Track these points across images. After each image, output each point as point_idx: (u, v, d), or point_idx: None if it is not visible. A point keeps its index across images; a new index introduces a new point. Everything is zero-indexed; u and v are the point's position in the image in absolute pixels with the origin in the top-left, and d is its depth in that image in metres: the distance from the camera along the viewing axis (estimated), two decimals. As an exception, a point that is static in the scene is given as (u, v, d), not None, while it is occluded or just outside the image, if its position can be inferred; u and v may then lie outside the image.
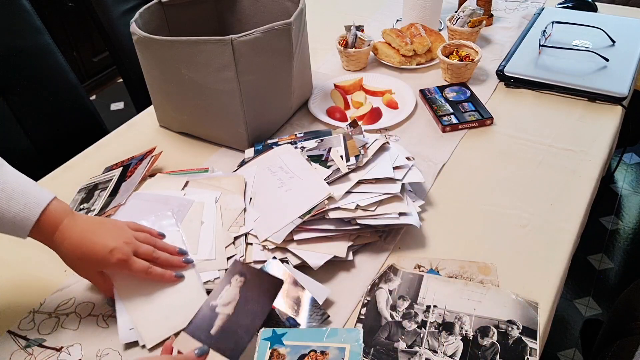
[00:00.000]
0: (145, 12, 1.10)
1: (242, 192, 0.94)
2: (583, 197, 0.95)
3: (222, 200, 0.92)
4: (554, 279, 0.82)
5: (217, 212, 0.90)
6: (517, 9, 1.57)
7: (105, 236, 0.74)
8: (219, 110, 1.06)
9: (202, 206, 0.91)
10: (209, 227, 0.87)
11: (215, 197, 0.92)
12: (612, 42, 1.30)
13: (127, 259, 0.74)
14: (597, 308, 1.73)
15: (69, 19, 2.72)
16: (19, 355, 0.76)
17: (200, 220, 0.88)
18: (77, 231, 0.73)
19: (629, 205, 2.08)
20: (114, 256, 0.73)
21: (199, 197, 0.92)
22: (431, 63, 1.34)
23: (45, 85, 1.26)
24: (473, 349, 0.72)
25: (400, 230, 0.90)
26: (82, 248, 0.73)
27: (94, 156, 1.14)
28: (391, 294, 0.80)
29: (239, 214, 0.90)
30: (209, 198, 0.92)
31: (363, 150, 0.93)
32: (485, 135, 1.11)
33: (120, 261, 0.73)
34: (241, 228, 0.88)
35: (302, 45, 1.11)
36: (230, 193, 0.93)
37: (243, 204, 0.92)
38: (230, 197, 0.92)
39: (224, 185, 0.95)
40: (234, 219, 0.89)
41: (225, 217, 0.89)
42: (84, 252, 0.73)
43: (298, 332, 0.73)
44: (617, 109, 1.15)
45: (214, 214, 0.89)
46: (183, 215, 0.89)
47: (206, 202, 0.91)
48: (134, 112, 1.33)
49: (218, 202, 0.91)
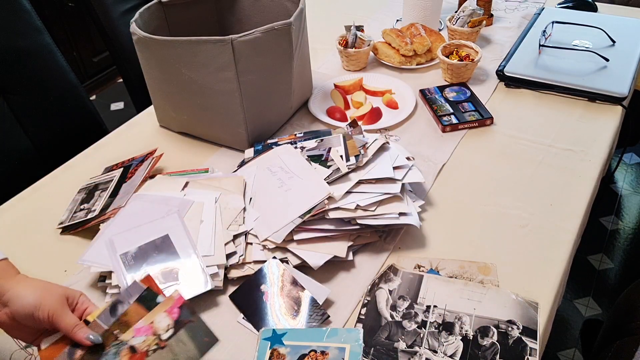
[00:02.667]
0: (145, 12, 1.10)
1: (242, 192, 0.94)
2: (583, 197, 0.95)
3: (221, 200, 0.92)
4: (554, 279, 0.82)
5: (217, 212, 0.90)
6: (517, 9, 1.57)
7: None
8: (219, 110, 1.06)
9: (202, 206, 0.91)
10: (208, 225, 0.88)
11: (215, 197, 0.92)
12: (612, 42, 1.30)
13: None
14: (597, 308, 1.73)
15: (69, 19, 2.72)
16: (19, 355, 0.77)
17: (199, 219, 0.88)
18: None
19: (629, 205, 2.08)
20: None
21: (198, 197, 0.92)
22: (431, 63, 1.34)
23: (45, 85, 1.26)
24: (473, 349, 0.72)
25: (400, 230, 0.90)
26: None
27: (94, 156, 1.14)
28: (391, 294, 0.80)
29: (239, 213, 0.90)
30: (209, 198, 0.92)
31: (363, 150, 0.93)
32: (485, 135, 1.11)
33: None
34: (240, 227, 0.88)
35: (302, 45, 1.11)
36: (230, 193, 0.93)
37: (243, 203, 0.92)
38: (230, 197, 0.92)
39: (224, 186, 0.95)
40: (233, 217, 0.89)
41: (225, 216, 0.89)
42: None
43: (298, 332, 0.73)
44: (617, 109, 1.15)
45: (214, 213, 0.89)
46: (183, 215, 0.89)
47: (206, 202, 0.91)
48: (134, 112, 1.33)
49: (218, 202, 0.91)
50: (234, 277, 0.83)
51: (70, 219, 0.96)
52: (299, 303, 0.78)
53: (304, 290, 0.79)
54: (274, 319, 0.77)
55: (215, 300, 0.81)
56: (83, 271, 0.87)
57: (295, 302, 0.78)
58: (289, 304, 0.78)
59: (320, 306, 0.77)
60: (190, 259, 0.82)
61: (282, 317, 0.77)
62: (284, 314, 0.77)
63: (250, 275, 0.82)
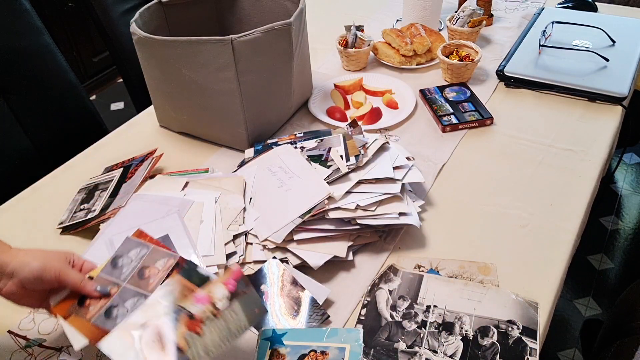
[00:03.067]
0: (145, 12, 1.10)
1: (242, 192, 0.94)
2: (583, 197, 0.95)
3: (221, 200, 0.92)
4: (554, 279, 0.82)
5: (217, 212, 0.90)
6: (517, 9, 1.57)
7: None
8: (219, 110, 1.06)
9: (202, 206, 0.91)
10: (208, 225, 0.88)
11: (215, 197, 0.92)
12: (612, 42, 1.30)
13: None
14: (597, 308, 1.73)
15: (69, 19, 2.72)
16: (19, 355, 0.77)
17: (199, 219, 0.88)
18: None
19: (629, 205, 2.08)
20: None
21: (198, 197, 0.92)
22: (431, 63, 1.34)
23: (45, 85, 1.26)
24: (473, 349, 0.72)
25: (400, 230, 0.90)
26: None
27: (94, 156, 1.14)
28: (391, 294, 0.80)
29: (239, 213, 0.90)
30: (209, 198, 0.92)
31: (363, 150, 0.93)
32: (485, 135, 1.11)
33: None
34: (240, 227, 0.88)
35: (302, 45, 1.11)
36: (230, 193, 0.93)
37: (243, 203, 0.92)
38: (230, 197, 0.92)
39: (224, 186, 0.95)
40: (233, 217, 0.89)
41: (225, 216, 0.89)
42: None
43: (298, 332, 0.73)
44: (617, 109, 1.15)
45: (214, 213, 0.89)
46: (183, 215, 0.89)
47: (206, 202, 0.91)
48: (134, 112, 1.33)
49: (218, 202, 0.91)
50: (234, 277, 0.83)
51: (70, 219, 0.96)
52: (299, 303, 0.78)
53: (304, 290, 0.79)
54: (274, 319, 0.77)
55: (215, 300, 0.81)
56: (83, 271, 0.87)
57: (295, 302, 0.78)
58: (289, 304, 0.78)
59: (320, 306, 0.77)
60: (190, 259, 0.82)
61: (282, 317, 0.77)
62: (284, 314, 0.77)
63: (250, 275, 0.82)
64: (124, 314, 0.68)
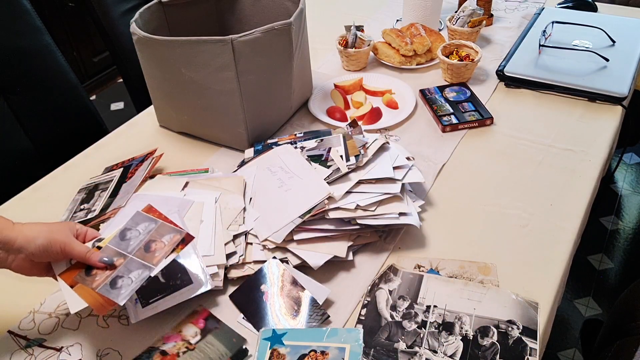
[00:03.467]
0: (145, 12, 1.10)
1: (242, 192, 0.94)
2: (583, 197, 0.95)
3: (221, 200, 0.92)
4: (554, 279, 0.82)
5: (217, 212, 0.90)
6: (517, 9, 1.57)
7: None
8: (219, 110, 1.06)
9: (202, 206, 0.91)
10: (208, 225, 0.88)
11: (215, 197, 0.92)
12: (612, 42, 1.30)
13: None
14: (597, 308, 1.73)
15: (69, 19, 2.72)
16: (19, 355, 0.77)
17: (199, 219, 0.88)
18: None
19: (629, 205, 2.08)
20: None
21: (198, 197, 0.92)
22: (431, 63, 1.34)
23: (45, 85, 1.26)
24: (473, 349, 0.72)
25: (400, 230, 0.90)
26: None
27: (94, 156, 1.14)
28: (391, 294, 0.80)
29: (239, 213, 0.90)
30: (209, 198, 0.92)
31: (363, 150, 0.93)
32: (485, 135, 1.11)
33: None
34: (240, 227, 0.88)
35: (302, 45, 1.11)
36: (230, 193, 0.93)
37: (243, 203, 0.92)
38: (230, 197, 0.92)
39: (224, 186, 0.95)
40: (233, 217, 0.89)
41: (225, 216, 0.89)
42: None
43: (298, 332, 0.73)
44: (617, 109, 1.15)
45: (214, 213, 0.89)
46: (183, 215, 0.89)
47: (206, 202, 0.91)
48: (134, 112, 1.33)
49: (218, 202, 0.91)
50: (234, 277, 0.83)
51: (70, 219, 0.96)
52: (299, 303, 0.78)
53: (304, 290, 0.79)
54: (274, 319, 0.77)
55: (215, 300, 0.81)
56: (83, 271, 0.87)
57: (295, 302, 0.78)
58: (289, 304, 0.78)
59: (320, 306, 0.77)
60: (190, 259, 0.82)
61: (282, 317, 0.77)
62: (284, 314, 0.77)
63: (250, 275, 0.82)
64: (129, 285, 0.71)
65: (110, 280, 0.72)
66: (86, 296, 0.71)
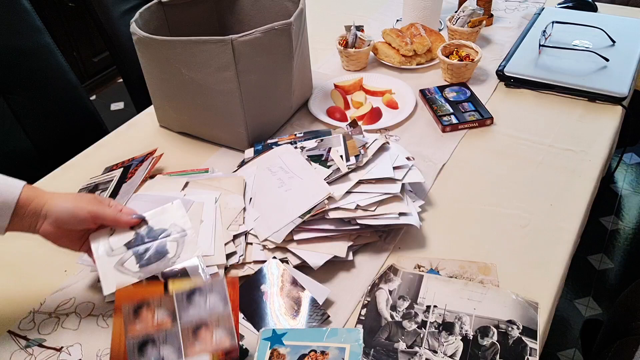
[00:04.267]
0: (145, 12, 1.10)
1: (242, 192, 0.94)
2: (583, 197, 0.95)
3: (221, 200, 0.92)
4: (554, 279, 0.82)
5: (217, 212, 0.90)
6: (517, 9, 1.57)
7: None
8: (219, 110, 1.06)
9: (202, 206, 0.91)
10: (208, 225, 0.88)
11: (215, 197, 0.92)
12: (612, 42, 1.30)
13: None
14: (597, 308, 1.73)
15: (69, 19, 2.72)
16: (19, 355, 0.77)
17: (199, 219, 0.88)
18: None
19: (629, 205, 2.08)
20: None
21: (198, 197, 0.92)
22: (431, 63, 1.34)
23: (45, 85, 1.26)
24: (473, 349, 0.72)
25: (400, 230, 0.90)
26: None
27: (94, 156, 1.14)
28: (391, 294, 0.80)
29: (239, 213, 0.90)
30: (209, 198, 0.92)
31: (363, 150, 0.93)
32: (485, 135, 1.11)
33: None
34: (240, 227, 0.88)
35: (302, 45, 1.11)
36: (230, 193, 0.93)
37: (243, 203, 0.92)
38: (230, 197, 0.92)
39: (224, 186, 0.95)
40: (233, 217, 0.89)
41: (225, 216, 0.89)
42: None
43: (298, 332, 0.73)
44: (617, 109, 1.15)
45: (214, 213, 0.89)
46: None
47: (206, 202, 0.91)
48: (134, 112, 1.33)
49: (218, 202, 0.91)
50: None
51: (70, 219, 0.96)
52: (299, 303, 0.78)
53: (304, 290, 0.79)
54: (274, 319, 0.77)
55: (215, 300, 0.81)
56: (83, 271, 0.87)
57: (295, 302, 0.78)
58: (289, 304, 0.78)
59: (320, 306, 0.77)
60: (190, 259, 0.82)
61: (282, 317, 0.77)
62: (284, 314, 0.77)
63: (250, 275, 0.82)
64: (155, 352, 0.68)
65: (142, 338, 0.68)
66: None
